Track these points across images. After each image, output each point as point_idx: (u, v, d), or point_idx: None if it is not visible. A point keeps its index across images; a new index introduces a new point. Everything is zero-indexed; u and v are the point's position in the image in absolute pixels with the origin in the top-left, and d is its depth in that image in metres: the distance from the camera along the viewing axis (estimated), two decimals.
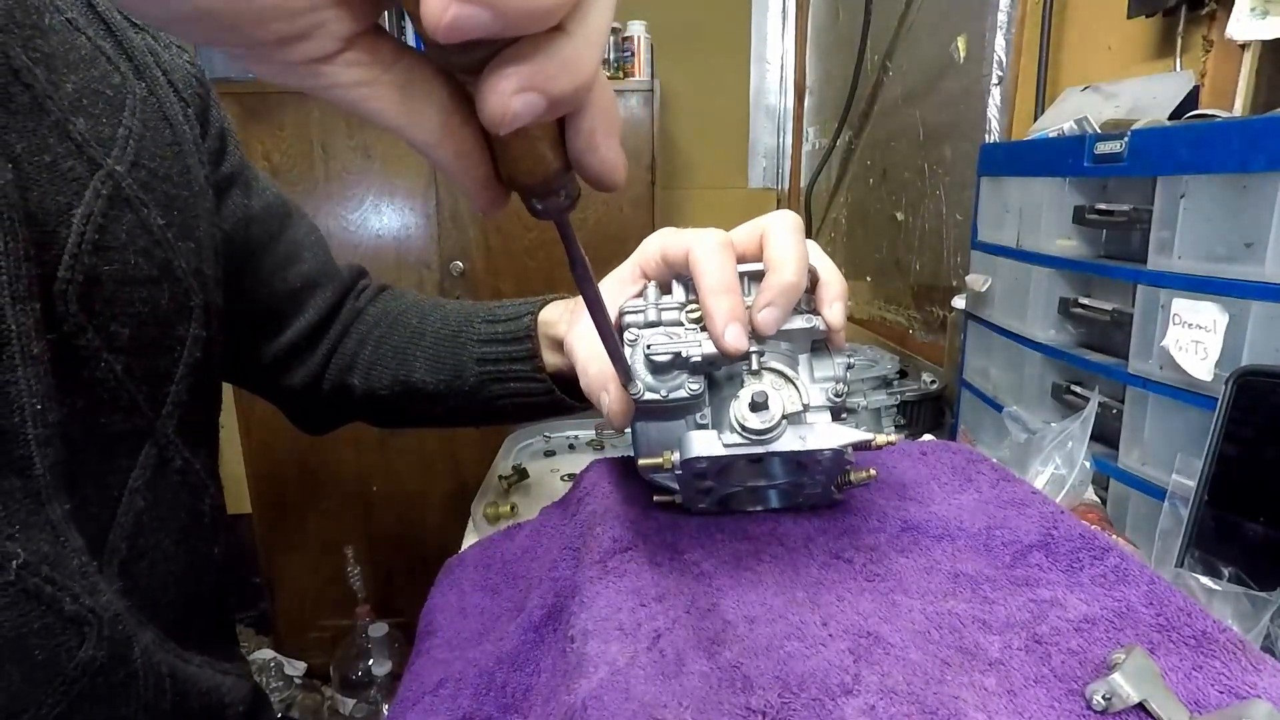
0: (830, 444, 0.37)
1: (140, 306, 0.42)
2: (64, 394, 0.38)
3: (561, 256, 0.57)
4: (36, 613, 0.35)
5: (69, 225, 0.38)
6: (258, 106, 1.71)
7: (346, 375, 0.64)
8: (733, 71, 2.17)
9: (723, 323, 0.36)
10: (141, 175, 0.43)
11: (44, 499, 0.36)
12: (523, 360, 0.58)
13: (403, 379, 0.62)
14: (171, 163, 0.46)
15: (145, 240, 0.43)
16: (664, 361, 0.37)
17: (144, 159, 0.44)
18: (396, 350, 0.63)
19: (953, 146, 1.25)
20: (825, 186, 1.87)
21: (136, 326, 0.42)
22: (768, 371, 0.38)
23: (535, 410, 0.61)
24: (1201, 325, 0.53)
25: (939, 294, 1.30)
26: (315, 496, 1.89)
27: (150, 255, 0.43)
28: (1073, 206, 0.70)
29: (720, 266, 0.38)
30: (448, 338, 0.62)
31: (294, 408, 0.68)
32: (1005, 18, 1.06)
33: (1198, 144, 0.55)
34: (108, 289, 0.40)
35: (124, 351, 0.41)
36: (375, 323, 0.65)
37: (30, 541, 0.35)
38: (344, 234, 1.79)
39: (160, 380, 0.44)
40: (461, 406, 0.62)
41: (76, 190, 0.39)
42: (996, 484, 0.48)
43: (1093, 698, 0.30)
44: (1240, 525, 0.50)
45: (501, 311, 0.61)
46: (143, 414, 0.43)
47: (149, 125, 0.45)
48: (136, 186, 0.42)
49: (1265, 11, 0.61)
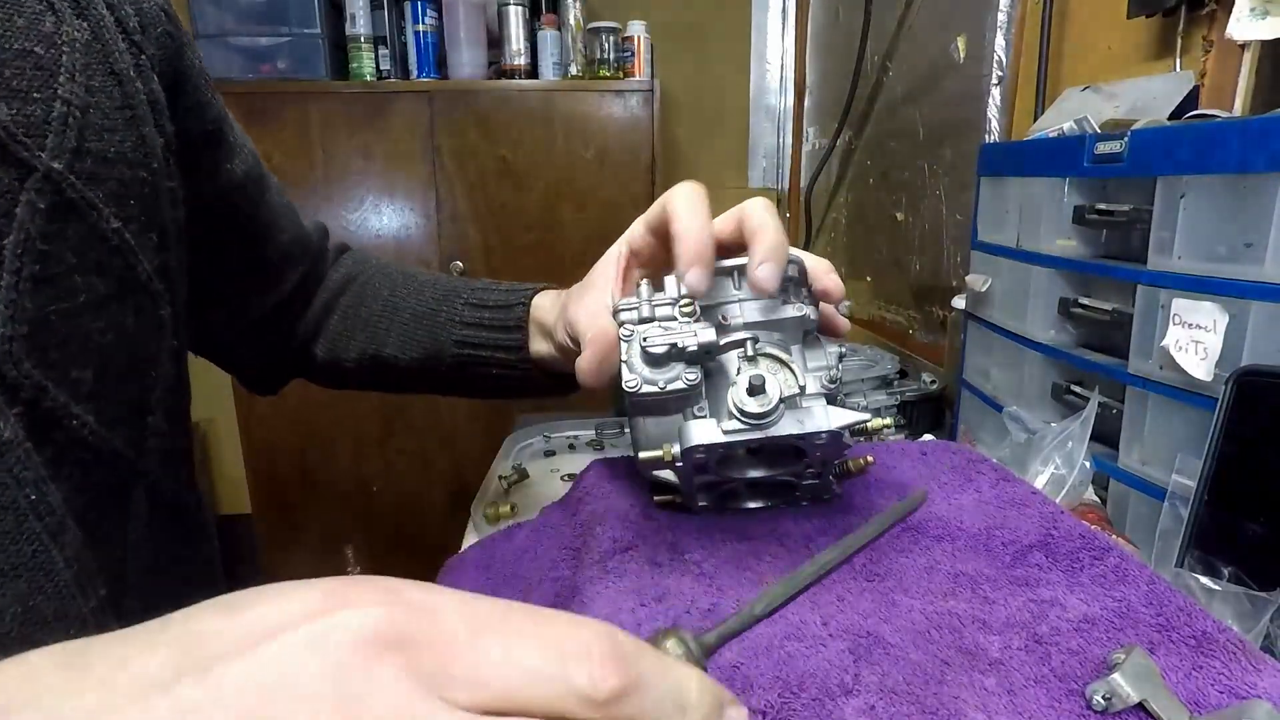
0: (828, 426, 0.37)
1: (101, 337, 0.34)
2: (54, 470, 0.32)
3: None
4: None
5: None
6: (258, 106, 1.71)
7: (310, 343, 0.62)
8: (733, 71, 2.17)
9: (691, 253, 0.38)
10: (87, 165, 0.34)
11: (71, 594, 0.31)
12: (508, 349, 0.57)
13: (372, 353, 0.60)
14: (124, 135, 0.36)
15: (99, 252, 0.34)
16: (660, 353, 0.37)
17: (89, 139, 0.34)
18: (366, 322, 0.60)
19: (953, 146, 1.25)
20: (825, 186, 1.87)
21: (101, 361, 0.34)
22: (763, 357, 0.39)
23: (514, 392, 0.60)
24: (1201, 325, 0.53)
25: (939, 294, 1.30)
26: (315, 496, 1.89)
27: (106, 269, 0.35)
28: (1073, 206, 0.70)
29: (693, 210, 0.40)
30: (424, 315, 0.59)
31: (246, 372, 0.65)
32: (1005, 18, 1.06)
33: (1198, 144, 0.55)
34: (60, 330, 0.32)
35: (91, 398, 0.34)
36: (340, 289, 0.62)
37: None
38: (344, 234, 1.79)
39: (137, 415, 0.37)
40: (434, 381, 0.61)
41: (4, 210, 0.30)
42: (997, 484, 0.48)
43: (1093, 698, 0.30)
44: (1240, 525, 0.50)
45: (488, 296, 0.59)
46: (124, 460, 0.36)
47: (93, 88, 0.35)
48: (82, 183, 0.33)
49: (1265, 11, 0.61)
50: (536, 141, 1.78)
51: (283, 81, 1.73)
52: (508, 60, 1.79)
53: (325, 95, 1.73)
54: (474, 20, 1.78)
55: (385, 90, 1.75)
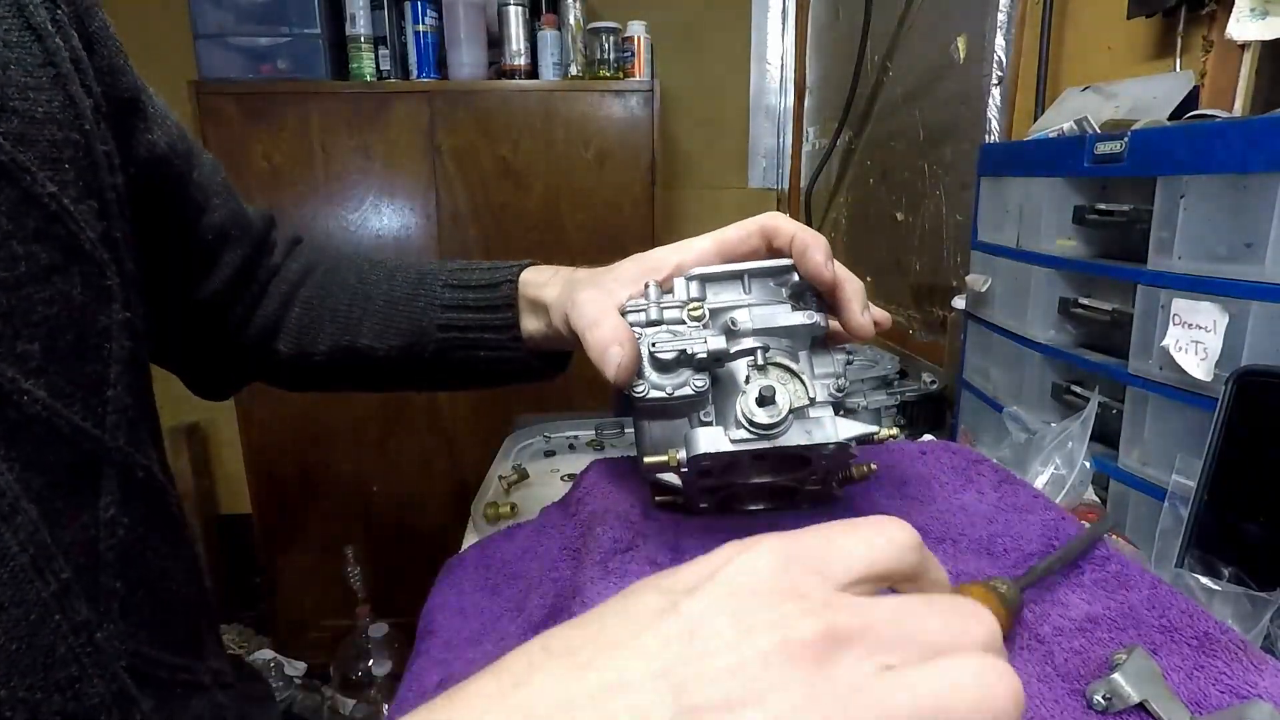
0: (836, 437, 0.37)
1: (47, 308, 0.33)
2: (4, 450, 0.31)
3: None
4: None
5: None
6: (258, 106, 1.71)
7: (270, 340, 0.58)
8: (733, 71, 2.17)
9: (860, 308, 0.43)
10: (14, 126, 0.32)
11: (28, 578, 0.30)
12: (497, 329, 0.54)
13: (345, 344, 0.57)
14: (50, 95, 0.34)
15: (35, 219, 0.33)
16: (669, 359, 0.37)
17: (12, 99, 0.32)
18: (335, 312, 0.57)
19: (953, 146, 1.25)
20: (825, 186, 1.87)
21: (49, 335, 0.33)
22: (773, 366, 0.38)
23: (503, 377, 0.58)
24: (1201, 325, 0.53)
25: (939, 294, 1.30)
26: (315, 496, 1.89)
27: (47, 237, 0.33)
28: (1073, 206, 0.70)
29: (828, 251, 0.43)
30: (401, 300, 0.56)
31: (192, 372, 0.60)
32: (1005, 18, 1.06)
33: (1198, 144, 0.55)
34: (1, 302, 0.31)
35: (41, 372, 0.32)
36: (299, 281, 0.59)
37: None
38: (344, 234, 1.79)
39: (95, 389, 0.36)
40: (416, 371, 0.58)
41: None
42: (998, 486, 0.48)
43: (1093, 698, 0.30)
44: (1240, 525, 0.50)
45: (469, 276, 0.56)
46: (88, 436, 0.35)
47: (10, 43, 0.33)
48: (10, 145, 0.32)
49: (1265, 11, 0.61)
50: (536, 141, 1.78)
51: (283, 81, 1.73)
52: (508, 60, 1.79)
53: (325, 95, 1.73)
54: (474, 20, 1.78)
55: (385, 90, 1.75)
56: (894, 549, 0.23)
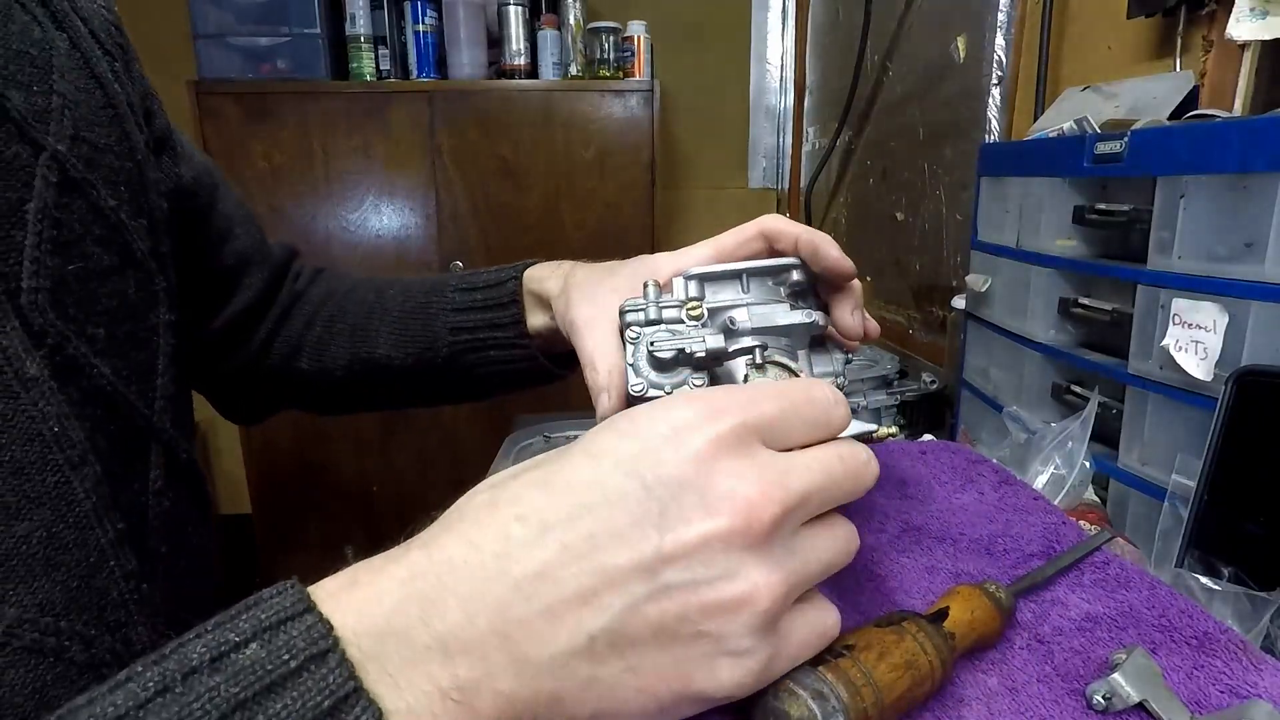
0: None
1: (109, 301, 0.38)
2: (77, 410, 0.35)
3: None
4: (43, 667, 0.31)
5: (23, 225, 0.34)
6: (258, 106, 1.71)
7: (293, 359, 0.61)
8: (733, 71, 2.18)
9: (852, 308, 0.43)
10: (84, 151, 0.38)
11: (90, 524, 0.33)
12: (505, 327, 0.56)
13: (364, 356, 0.59)
14: (109, 130, 0.41)
15: (101, 228, 0.38)
16: (668, 358, 0.37)
17: (82, 131, 0.38)
18: (353, 328, 0.60)
19: (953, 146, 1.25)
20: (825, 186, 1.87)
21: (110, 324, 0.38)
22: (771, 365, 0.38)
23: (514, 379, 0.58)
24: (1201, 325, 0.53)
25: (939, 294, 1.30)
26: (315, 496, 1.89)
27: (108, 243, 0.39)
28: (1073, 206, 0.70)
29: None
30: (415, 309, 0.58)
31: (224, 396, 0.64)
32: (1005, 18, 1.06)
33: (1198, 144, 0.55)
34: (75, 290, 0.36)
35: (106, 354, 0.38)
36: (321, 303, 0.62)
37: (40, 591, 0.31)
38: (344, 234, 1.79)
39: (147, 376, 0.41)
40: (431, 381, 0.59)
41: (25, 180, 0.34)
42: (998, 486, 0.48)
43: (1093, 697, 0.30)
44: (1240, 525, 0.50)
45: (477, 279, 0.58)
46: (141, 414, 0.40)
47: (80, 88, 0.39)
48: (82, 166, 0.37)
49: (1265, 11, 0.61)
50: (536, 141, 1.78)
51: (283, 81, 1.73)
52: (508, 60, 1.79)
53: (325, 95, 1.73)
54: (474, 20, 1.78)
55: (385, 90, 1.75)
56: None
